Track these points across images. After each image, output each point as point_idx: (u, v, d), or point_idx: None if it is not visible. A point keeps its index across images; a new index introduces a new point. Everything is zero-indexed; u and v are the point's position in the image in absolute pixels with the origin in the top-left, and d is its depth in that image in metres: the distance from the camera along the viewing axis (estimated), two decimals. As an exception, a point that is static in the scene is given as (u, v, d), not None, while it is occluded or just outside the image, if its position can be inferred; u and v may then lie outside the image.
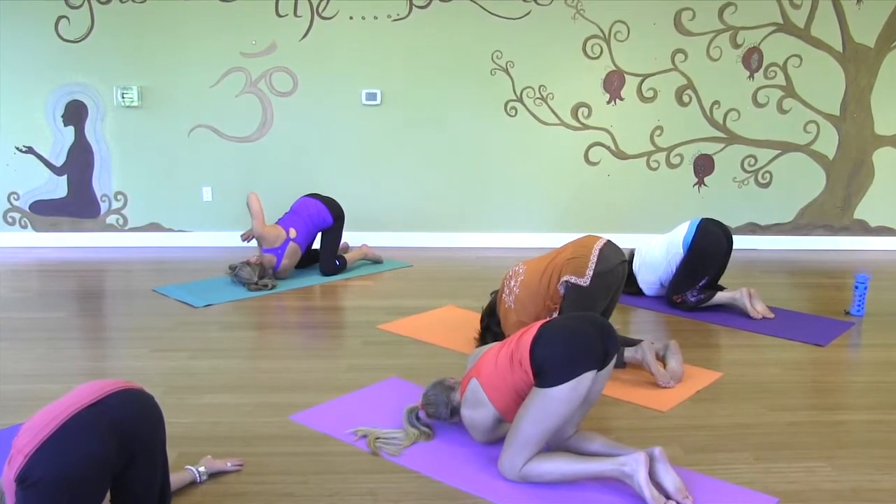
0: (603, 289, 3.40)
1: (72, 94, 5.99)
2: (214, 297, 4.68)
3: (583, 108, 6.26)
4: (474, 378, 2.65)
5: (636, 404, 3.16)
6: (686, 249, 4.51)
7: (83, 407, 1.90)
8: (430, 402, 2.82)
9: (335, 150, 6.19)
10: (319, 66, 6.04)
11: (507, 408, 2.57)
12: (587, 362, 2.41)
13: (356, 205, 5.93)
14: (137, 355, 3.67)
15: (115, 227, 6.23)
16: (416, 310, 4.48)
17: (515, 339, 2.62)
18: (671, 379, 3.34)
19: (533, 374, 2.46)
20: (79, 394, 1.95)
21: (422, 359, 3.69)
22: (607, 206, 6.42)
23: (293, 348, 3.86)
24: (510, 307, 3.58)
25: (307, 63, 6.03)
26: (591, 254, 3.41)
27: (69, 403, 1.91)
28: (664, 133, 6.34)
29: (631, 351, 3.42)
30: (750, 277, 5.46)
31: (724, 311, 4.50)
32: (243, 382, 3.35)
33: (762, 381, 3.46)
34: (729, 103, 6.31)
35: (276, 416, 2.98)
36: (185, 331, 4.07)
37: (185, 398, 3.15)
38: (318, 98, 6.10)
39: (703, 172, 6.44)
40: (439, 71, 6.10)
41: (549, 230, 6.37)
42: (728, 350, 3.96)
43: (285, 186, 6.02)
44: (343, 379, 3.39)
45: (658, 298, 4.78)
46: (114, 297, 4.85)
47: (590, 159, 6.36)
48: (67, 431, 1.85)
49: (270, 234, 5.08)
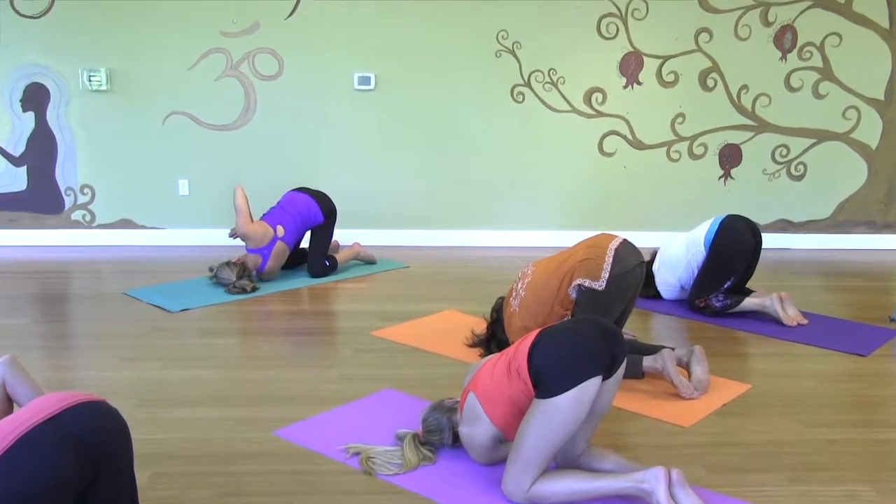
0: (619, 293, 3.40)
1: (31, 77, 5.98)
2: (192, 300, 4.69)
3: (597, 94, 6.26)
4: (471, 392, 2.66)
5: (655, 419, 3.16)
6: (708, 248, 4.51)
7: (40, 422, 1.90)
8: (431, 428, 2.80)
9: (325, 140, 6.19)
10: (307, 47, 6.04)
11: (507, 423, 2.57)
12: (590, 368, 2.41)
13: (347, 199, 5.92)
14: (106, 365, 3.67)
15: (82, 223, 6.23)
16: (413, 315, 4.48)
17: (514, 347, 2.63)
18: (695, 390, 3.34)
19: (532, 385, 2.46)
20: (34, 408, 1.95)
21: (419, 369, 3.69)
22: (623, 202, 6.41)
23: (278, 357, 3.86)
24: (515, 311, 3.58)
25: (294, 44, 6.03)
26: (606, 254, 3.40)
27: (24, 418, 1.91)
28: (686, 121, 6.34)
29: (650, 359, 3.42)
30: (781, 280, 5.46)
31: (753, 318, 4.50)
32: (223, 395, 3.35)
33: (796, 395, 3.46)
34: (759, 87, 6.30)
35: (260, 432, 2.98)
36: (159, 338, 4.07)
37: (159, 412, 3.15)
38: (306, 82, 6.10)
39: (730, 164, 6.44)
40: (439, 53, 6.10)
41: (559, 227, 6.37)
42: (758, 360, 3.96)
43: (270, 180, 6.01)
44: (333, 391, 3.39)
45: (679, 302, 4.78)
46: (80, 302, 4.85)
47: (604, 150, 6.36)
48: (23, 449, 1.85)
49: (257, 232, 5.09)
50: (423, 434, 2.80)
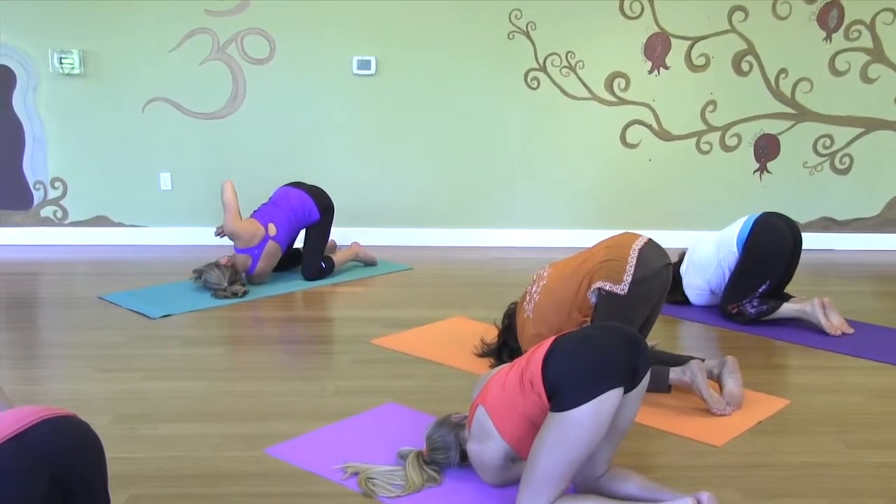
0: (643, 298, 3.40)
1: (-3, 60, 6.01)
2: (174, 306, 4.70)
3: (619, 79, 6.26)
4: (481, 405, 2.66)
5: (683, 437, 3.15)
6: (741, 248, 4.51)
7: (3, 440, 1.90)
8: (436, 446, 2.80)
9: (320, 130, 6.20)
10: (301, 27, 6.05)
11: (520, 440, 2.57)
12: (610, 378, 2.40)
13: (345, 195, 5.93)
14: (79, 376, 3.68)
15: (52, 220, 6.25)
16: (416, 321, 4.49)
17: (527, 356, 2.63)
18: (728, 405, 3.34)
19: (547, 397, 2.46)
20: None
21: (424, 380, 3.69)
22: (648, 198, 6.41)
23: (269, 368, 3.86)
24: (528, 317, 3.58)
25: (286, 24, 6.05)
26: (629, 256, 3.41)
27: None
28: (718, 109, 6.34)
29: (677, 371, 3.42)
30: (824, 284, 5.45)
31: (792, 325, 4.48)
32: (208, 409, 3.36)
33: (841, 411, 3.44)
34: (799, 71, 6.29)
35: (249, 450, 2.98)
36: (138, 347, 4.07)
37: (138, 428, 3.15)
38: (300, 66, 6.12)
39: (766, 156, 6.43)
40: (446, 34, 6.11)
41: (578, 226, 6.37)
42: (797, 372, 3.95)
43: (260, 173, 6.03)
44: (329, 405, 3.40)
45: (709, 308, 4.77)
46: (51, 307, 4.87)
47: (627, 141, 6.35)
48: None
49: (246, 231, 5.10)
50: (427, 452, 2.81)
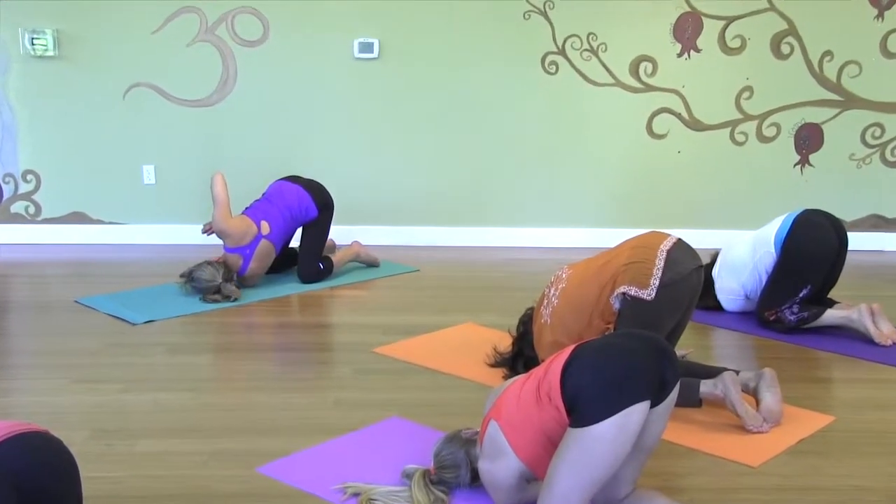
0: (672, 303, 3.41)
1: (-38, 41, 6.04)
2: (158, 310, 4.71)
3: (646, 63, 6.26)
4: (493, 420, 2.66)
5: (715, 456, 3.15)
6: (780, 249, 4.50)
7: None
8: (445, 464, 2.80)
9: (318, 119, 6.21)
10: (298, 6, 6.06)
11: (536, 458, 2.57)
12: (636, 391, 2.40)
13: (345, 190, 5.94)
14: (54, 388, 3.68)
15: (24, 217, 6.28)
16: (423, 328, 4.49)
17: (544, 366, 2.63)
18: (765, 421, 3.33)
19: (566, 411, 2.46)
20: None
21: (431, 392, 3.70)
22: (677, 194, 6.41)
23: (262, 379, 3.87)
24: (546, 324, 3.59)
25: (281, 2, 6.06)
26: (657, 257, 3.41)
27: None
28: (755, 95, 6.33)
29: (709, 384, 3.41)
30: (873, 289, 5.45)
31: (837, 334, 4.47)
32: (195, 424, 3.36)
33: (891, 430, 3.43)
34: (846, 53, 6.28)
35: (240, 469, 2.99)
36: (119, 355, 4.08)
37: (118, 445, 3.16)
38: (297, 49, 6.13)
39: (809, 148, 6.42)
40: (455, 15, 6.11)
41: (600, 224, 6.37)
42: (843, 386, 3.94)
43: (252, 166, 6.03)
44: (328, 419, 3.40)
45: (744, 315, 4.77)
46: (22, 311, 4.88)
47: (654, 131, 6.35)
48: None
49: (236, 228, 5.10)
50: (435, 471, 2.81)
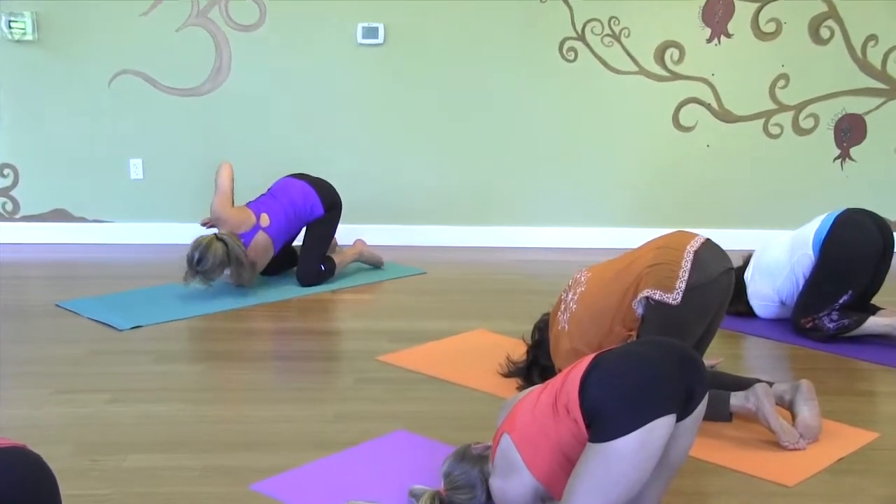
0: (699, 309, 3.41)
1: (-67, 24, 6.05)
2: (146, 315, 4.71)
3: (672, 50, 6.26)
4: (506, 433, 2.66)
5: (748, 475, 3.14)
6: (819, 251, 4.50)
7: None
8: (457, 484, 2.78)
9: (319, 109, 6.21)
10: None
11: (552, 475, 2.56)
12: (660, 404, 2.40)
13: (348, 187, 5.92)
14: (33, 398, 3.69)
15: (1, 214, 6.29)
16: (431, 335, 4.49)
17: (562, 376, 2.63)
18: (801, 437, 3.33)
19: (585, 424, 2.46)
20: None
21: (439, 404, 3.70)
22: (706, 190, 6.40)
23: (258, 389, 3.88)
24: (563, 330, 3.59)
25: (278, -17, 6.09)
26: (683, 259, 3.41)
27: None
28: (791, 84, 6.32)
29: (740, 396, 3.41)
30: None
31: (880, 343, 4.46)
32: (185, 437, 3.37)
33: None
34: (892, 38, 6.26)
35: (233, 485, 2.99)
36: (104, 364, 4.09)
37: (103, 460, 3.16)
38: (296, 34, 6.13)
39: (850, 141, 6.40)
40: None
41: (622, 224, 6.36)
42: (887, 399, 3.93)
43: (248, 160, 6.00)
44: (328, 432, 3.41)
45: (779, 322, 4.76)
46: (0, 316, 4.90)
47: (681, 122, 6.35)
48: None
49: (234, 217, 5.12)
50: (446, 492, 2.80)
